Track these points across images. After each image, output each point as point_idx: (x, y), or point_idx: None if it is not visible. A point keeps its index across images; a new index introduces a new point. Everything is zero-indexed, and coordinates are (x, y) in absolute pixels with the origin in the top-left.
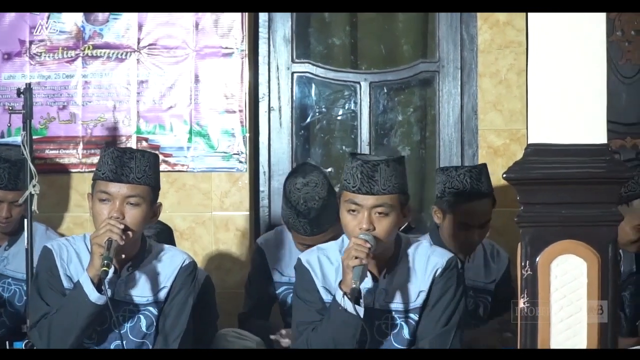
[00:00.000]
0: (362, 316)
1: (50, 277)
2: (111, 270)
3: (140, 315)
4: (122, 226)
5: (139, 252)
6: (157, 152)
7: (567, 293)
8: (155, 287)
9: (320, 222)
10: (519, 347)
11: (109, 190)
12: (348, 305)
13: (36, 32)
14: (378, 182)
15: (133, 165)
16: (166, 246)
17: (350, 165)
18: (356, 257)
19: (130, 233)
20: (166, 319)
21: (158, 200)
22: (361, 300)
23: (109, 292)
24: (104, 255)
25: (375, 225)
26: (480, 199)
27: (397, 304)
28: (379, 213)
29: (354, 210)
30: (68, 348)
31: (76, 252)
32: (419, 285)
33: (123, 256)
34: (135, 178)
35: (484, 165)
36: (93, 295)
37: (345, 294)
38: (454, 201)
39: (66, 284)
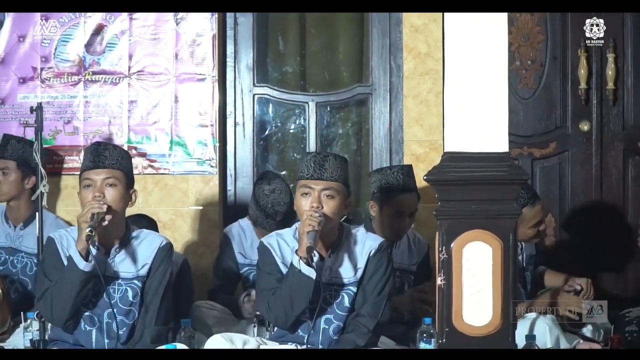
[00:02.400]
0: (314, 278)
1: (53, 259)
2: (96, 243)
3: (128, 288)
4: (102, 202)
5: (124, 235)
6: (144, 158)
7: (476, 272)
8: (138, 264)
9: (284, 223)
10: (437, 317)
11: (90, 177)
12: (303, 267)
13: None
14: (327, 170)
15: (107, 154)
16: (146, 231)
17: (305, 158)
18: (309, 224)
19: (109, 209)
20: (149, 290)
21: (134, 188)
22: (313, 263)
23: (103, 270)
24: (88, 224)
25: (324, 205)
26: (410, 192)
27: (339, 279)
28: (327, 195)
29: (306, 193)
30: (67, 313)
31: (73, 239)
32: (356, 263)
33: (102, 225)
34: (110, 164)
35: (410, 166)
36: (81, 264)
37: (300, 258)
38: (390, 194)
39: (66, 263)
